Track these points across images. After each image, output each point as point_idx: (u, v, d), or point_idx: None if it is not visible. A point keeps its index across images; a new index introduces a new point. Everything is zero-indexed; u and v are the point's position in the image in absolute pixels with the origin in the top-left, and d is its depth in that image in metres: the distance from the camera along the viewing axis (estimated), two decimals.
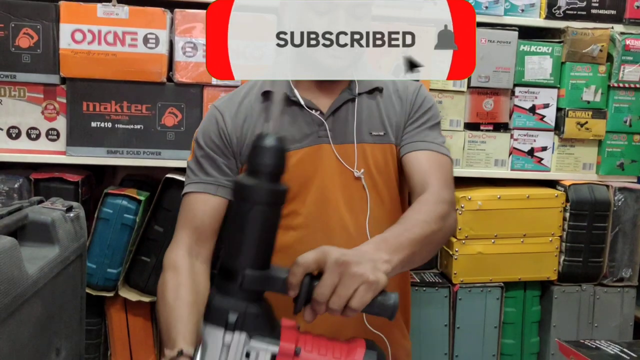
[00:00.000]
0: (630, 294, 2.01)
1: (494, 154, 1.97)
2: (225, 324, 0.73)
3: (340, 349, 0.75)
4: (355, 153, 1.16)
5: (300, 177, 1.16)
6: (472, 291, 1.91)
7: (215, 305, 0.74)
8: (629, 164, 2.02)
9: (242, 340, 0.73)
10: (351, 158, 1.17)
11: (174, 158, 1.76)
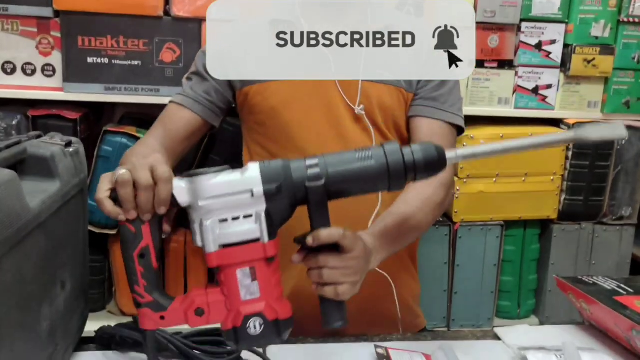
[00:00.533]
0: (629, 232, 2.03)
1: (497, 92, 1.94)
2: None
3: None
4: (359, 89, 1.13)
5: (298, 108, 1.14)
6: (472, 230, 1.92)
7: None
8: (635, 101, 1.99)
9: None
10: (354, 94, 1.13)
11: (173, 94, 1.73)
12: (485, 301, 1.99)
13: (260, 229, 0.76)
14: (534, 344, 1.04)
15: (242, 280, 0.76)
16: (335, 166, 0.79)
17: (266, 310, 0.77)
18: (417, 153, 0.79)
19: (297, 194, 0.78)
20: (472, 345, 1.07)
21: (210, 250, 0.76)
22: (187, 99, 1.18)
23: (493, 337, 1.10)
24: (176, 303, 0.78)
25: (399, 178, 0.79)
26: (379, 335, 1.10)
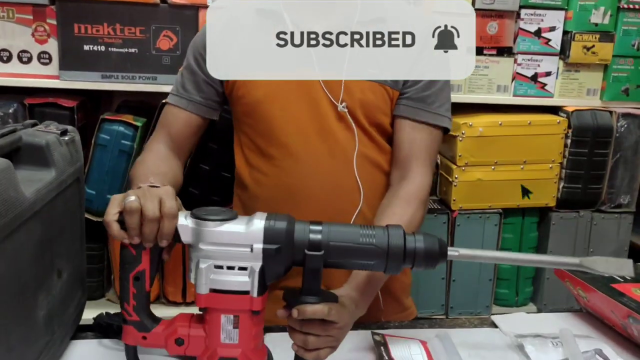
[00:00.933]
0: (627, 220, 2.03)
1: (496, 79, 1.93)
2: None
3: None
4: (342, 86, 1.11)
5: (282, 102, 1.13)
6: (470, 217, 1.92)
7: None
8: (635, 89, 1.99)
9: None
10: (337, 91, 1.11)
11: (170, 83, 1.68)
12: (483, 289, 1.99)
13: (252, 284, 0.79)
14: (531, 332, 1.04)
15: (224, 324, 0.81)
16: (337, 239, 0.81)
17: (241, 356, 0.81)
18: (419, 242, 0.82)
19: (295, 257, 0.80)
20: (469, 332, 1.07)
21: (201, 292, 0.79)
22: (181, 99, 1.18)
23: (490, 324, 1.11)
24: (159, 327, 0.82)
25: (396, 263, 0.82)
26: (376, 323, 1.11)
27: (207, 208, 0.81)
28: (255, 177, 1.18)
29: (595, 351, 0.98)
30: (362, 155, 1.14)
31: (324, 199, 1.13)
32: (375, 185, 1.16)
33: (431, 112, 1.14)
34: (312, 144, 1.13)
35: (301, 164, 1.13)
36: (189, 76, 1.18)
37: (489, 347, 1.01)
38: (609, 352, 0.98)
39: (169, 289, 1.83)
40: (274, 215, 0.81)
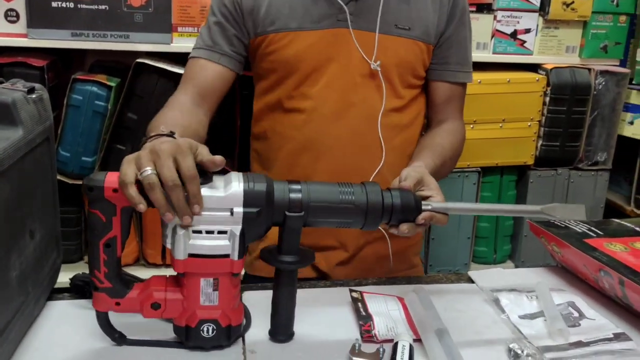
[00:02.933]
0: (603, 177, 2.05)
1: (476, 36, 1.91)
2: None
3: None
4: (376, 43, 1.12)
5: (313, 60, 1.13)
6: (449, 176, 1.91)
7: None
8: (613, 46, 1.99)
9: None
10: (370, 48, 1.13)
11: (144, 42, 1.68)
12: (462, 247, 2.01)
13: (232, 247, 0.77)
14: (506, 286, 1.05)
15: (204, 287, 0.79)
16: (317, 199, 0.80)
17: (221, 317, 0.80)
18: (396, 198, 0.83)
19: (275, 218, 0.79)
20: (446, 288, 1.08)
21: (179, 258, 0.77)
22: (212, 53, 1.16)
23: (467, 280, 1.12)
24: (133, 292, 0.80)
25: (374, 219, 0.82)
26: (354, 280, 1.11)
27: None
28: (277, 130, 1.19)
29: (568, 303, 0.99)
30: (387, 115, 1.16)
31: (344, 154, 1.15)
32: (397, 146, 1.18)
33: (466, 72, 1.24)
34: (337, 100, 1.14)
35: (324, 118, 1.14)
36: (218, 30, 1.16)
37: (465, 302, 1.02)
38: (582, 304, 0.99)
39: (148, 251, 1.82)
40: (251, 176, 0.79)
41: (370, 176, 1.15)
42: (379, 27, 1.12)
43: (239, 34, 1.16)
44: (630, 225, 1.16)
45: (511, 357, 0.84)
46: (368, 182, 0.84)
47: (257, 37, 1.15)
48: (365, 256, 1.21)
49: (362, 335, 0.88)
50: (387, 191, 0.84)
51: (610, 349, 0.86)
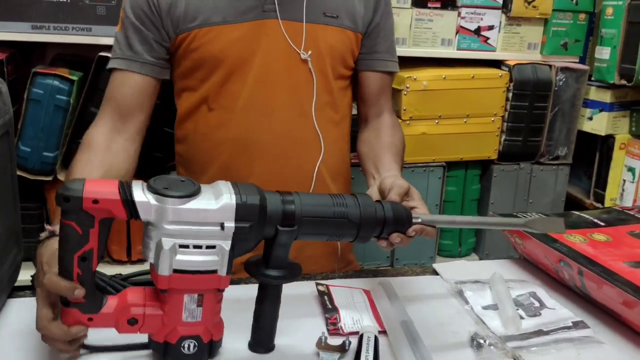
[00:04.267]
0: (564, 172, 2.10)
1: (440, 32, 1.94)
2: None
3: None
4: (304, 32, 1.10)
5: (239, 54, 1.09)
6: (414, 171, 1.94)
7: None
8: (573, 43, 2.03)
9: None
10: (299, 38, 1.10)
11: (107, 35, 1.65)
12: (428, 240, 2.01)
13: (221, 263, 0.73)
14: (470, 278, 1.07)
15: (187, 304, 0.74)
16: (310, 213, 0.76)
17: (203, 333, 0.76)
18: (388, 211, 0.81)
19: (266, 233, 0.75)
20: (411, 280, 1.09)
21: (164, 274, 0.71)
22: (131, 62, 1.09)
23: (432, 272, 1.13)
24: (108, 307, 0.74)
25: (368, 232, 0.80)
26: (321, 274, 1.12)
27: (165, 178, 0.72)
28: (203, 132, 1.14)
29: (529, 294, 1.02)
30: (321, 109, 1.13)
31: (280, 152, 1.12)
32: (333, 140, 1.17)
33: (395, 62, 1.23)
34: (268, 95, 1.11)
35: (256, 115, 1.10)
36: (134, 36, 1.08)
37: (430, 293, 1.03)
38: (542, 294, 1.02)
39: (113, 247, 1.80)
40: (242, 186, 0.74)
41: (310, 174, 1.13)
42: (306, 16, 1.09)
43: (158, 37, 1.08)
44: (589, 217, 1.19)
45: (474, 346, 0.86)
46: (360, 194, 0.81)
47: (178, 35, 1.08)
48: (307, 258, 1.15)
49: (328, 329, 0.88)
50: (378, 203, 0.81)
51: (570, 337, 0.89)
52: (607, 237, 1.08)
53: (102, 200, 0.69)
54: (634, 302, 0.87)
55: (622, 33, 1.94)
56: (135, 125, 1.10)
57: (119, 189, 0.70)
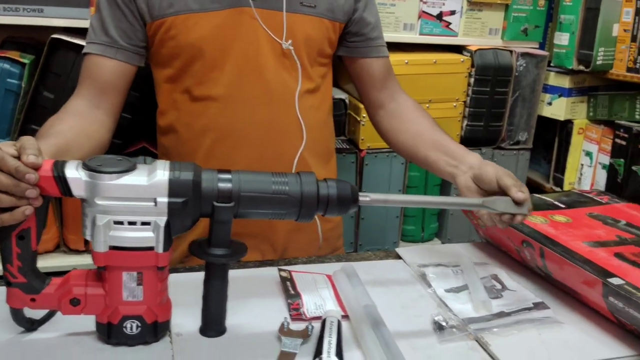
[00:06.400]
0: (525, 156, 2.13)
1: (403, 17, 1.93)
2: None
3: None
4: (284, 22, 1.08)
5: (219, 42, 1.07)
6: (378, 156, 1.94)
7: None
8: (533, 29, 2.05)
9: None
10: (279, 27, 1.08)
11: (59, 16, 1.59)
12: (391, 226, 2.04)
13: (157, 239, 0.73)
14: (433, 262, 1.08)
15: (127, 282, 0.75)
16: (248, 189, 0.76)
17: (146, 313, 0.76)
18: (332, 189, 0.79)
19: (203, 209, 0.75)
20: (373, 264, 1.09)
21: (99, 250, 0.72)
22: (107, 48, 1.06)
23: (395, 257, 1.13)
24: (50, 287, 0.75)
25: (309, 210, 0.79)
26: (284, 260, 1.11)
27: (102, 157, 0.74)
28: (187, 122, 1.12)
29: (491, 276, 1.02)
30: (303, 96, 1.13)
31: (264, 140, 1.11)
32: (315, 127, 1.16)
33: (383, 46, 1.23)
34: (252, 84, 1.09)
35: (239, 104, 1.09)
36: (111, 21, 1.06)
37: (393, 278, 1.03)
38: (504, 276, 1.03)
39: (70, 237, 1.75)
40: (178, 164, 0.74)
41: (292, 161, 1.12)
42: (285, 5, 1.08)
43: (134, 22, 1.06)
44: (550, 199, 1.20)
45: (436, 329, 0.85)
46: (303, 172, 0.80)
47: (154, 21, 1.06)
48: (294, 243, 1.19)
49: (290, 314, 0.87)
50: (322, 181, 0.80)
51: (530, 318, 0.90)
52: (567, 218, 1.10)
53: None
54: (593, 281, 0.88)
55: (580, 19, 1.97)
56: (111, 103, 1.09)
57: (52, 166, 0.71)
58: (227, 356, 0.78)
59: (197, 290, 0.81)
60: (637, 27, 1.85)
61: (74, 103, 1.07)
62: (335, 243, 1.28)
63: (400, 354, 0.77)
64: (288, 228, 1.16)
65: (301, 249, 1.20)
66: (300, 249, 1.19)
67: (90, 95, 1.07)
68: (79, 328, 0.80)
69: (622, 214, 1.15)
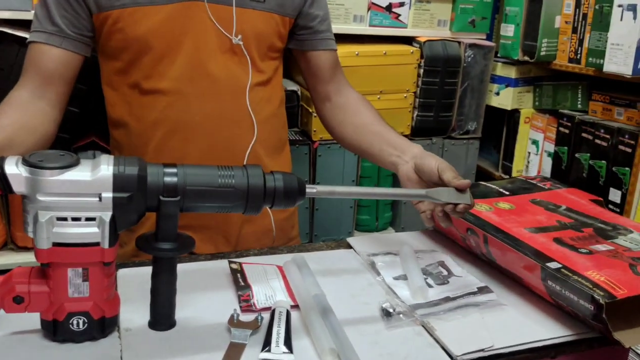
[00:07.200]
0: (474, 145, 2.18)
1: (353, 9, 1.95)
2: None
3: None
4: (234, 17, 1.08)
5: (167, 36, 1.06)
6: (331, 147, 1.96)
7: None
8: (480, 21, 2.09)
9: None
10: (229, 22, 1.08)
11: (6, 8, 1.55)
12: (345, 216, 2.07)
13: (102, 235, 0.73)
14: (382, 250, 1.10)
15: (72, 278, 0.74)
16: (194, 183, 0.76)
17: (92, 309, 0.76)
18: (279, 181, 0.80)
19: (148, 204, 0.75)
20: (324, 255, 1.10)
21: (42, 247, 0.71)
22: (51, 36, 1.04)
23: (346, 246, 1.15)
24: None
25: (256, 203, 0.79)
26: (235, 252, 1.11)
27: (43, 152, 0.73)
28: (137, 115, 1.11)
29: (438, 263, 1.05)
30: (253, 89, 1.13)
31: (215, 133, 1.11)
32: (265, 119, 1.17)
33: (331, 40, 1.24)
34: (201, 77, 1.09)
35: (189, 97, 1.09)
36: (56, 10, 1.04)
37: (343, 267, 1.05)
38: (450, 262, 1.05)
39: (18, 234, 1.71)
40: (123, 158, 0.74)
41: (244, 153, 1.13)
42: (235, 0, 1.08)
43: (80, 11, 1.05)
44: (495, 187, 1.24)
45: (384, 316, 0.87)
46: (250, 165, 0.81)
47: (100, 12, 1.04)
48: (247, 234, 1.20)
49: (240, 306, 0.88)
50: (269, 174, 0.81)
51: (475, 302, 0.92)
52: (511, 205, 1.13)
53: None
54: (533, 265, 0.91)
55: (524, 11, 2.02)
56: (56, 93, 1.07)
57: None
58: (177, 349, 0.78)
59: (147, 285, 0.81)
60: (578, 19, 1.91)
61: (17, 94, 1.05)
62: (289, 233, 1.29)
63: (347, 340, 0.78)
64: (241, 219, 1.17)
65: (255, 240, 1.20)
66: (254, 240, 1.20)
67: (34, 85, 1.05)
68: (23, 326, 0.78)
69: (563, 199, 1.19)
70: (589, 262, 0.91)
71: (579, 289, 0.83)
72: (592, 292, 0.82)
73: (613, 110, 1.86)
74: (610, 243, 0.99)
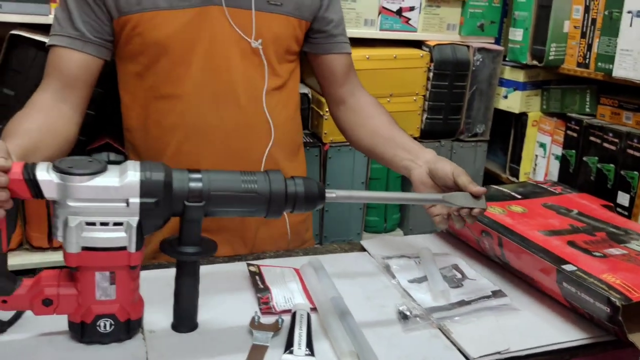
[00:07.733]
0: (482, 148, 2.19)
1: (364, 13, 1.96)
2: None
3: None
4: (253, 21, 1.09)
5: (186, 40, 1.07)
6: (341, 150, 1.97)
7: None
8: (489, 24, 2.11)
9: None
10: (248, 26, 1.09)
11: (18, 12, 1.56)
12: (354, 217, 2.08)
13: (129, 239, 0.74)
14: (396, 253, 1.11)
15: (99, 282, 0.76)
16: (218, 188, 0.78)
17: (119, 311, 0.77)
18: (299, 186, 0.82)
19: (174, 209, 0.76)
20: (339, 257, 1.12)
21: (72, 251, 0.73)
22: (74, 40, 1.05)
23: (360, 249, 1.16)
24: (22, 289, 0.76)
25: (278, 208, 0.81)
26: (252, 254, 1.13)
27: (73, 158, 0.74)
28: (156, 119, 1.12)
29: (452, 266, 1.07)
30: (270, 93, 1.14)
31: (231, 137, 1.12)
32: (282, 123, 1.18)
33: (346, 43, 1.26)
34: (218, 81, 1.10)
35: (206, 102, 1.10)
36: (77, 13, 1.05)
37: (358, 270, 1.06)
38: (464, 266, 1.07)
39: (33, 234, 1.72)
40: (149, 164, 0.76)
41: (261, 157, 1.14)
42: (254, 3, 1.09)
43: (102, 16, 1.06)
44: (507, 190, 1.26)
45: (401, 318, 0.89)
46: (271, 170, 0.82)
47: (121, 17, 1.05)
48: (263, 237, 1.21)
49: (260, 308, 0.89)
50: (290, 179, 0.83)
51: (489, 306, 0.94)
52: (523, 208, 1.15)
53: None
54: (548, 268, 0.93)
55: (533, 16, 2.03)
56: (78, 96, 1.09)
57: (22, 168, 0.72)
58: (200, 351, 0.80)
59: (168, 287, 0.83)
60: (586, 24, 1.93)
61: (40, 97, 1.06)
62: (304, 235, 1.31)
63: (366, 343, 0.80)
64: (258, 222, 1.18)
65: (271, 242, 1.22)
66: (270, 242, 1.21)
67: (57, 88, 1.07)
68: (51, 328, 0.80)
69: (574, 203, 1.20)
70: (603, 265, 0.92)
71: (595, 291, 0.85)
72: (609, 295, 0.83)
73: (622, 114, 1.87)
74: (623, 247, 1.01)
